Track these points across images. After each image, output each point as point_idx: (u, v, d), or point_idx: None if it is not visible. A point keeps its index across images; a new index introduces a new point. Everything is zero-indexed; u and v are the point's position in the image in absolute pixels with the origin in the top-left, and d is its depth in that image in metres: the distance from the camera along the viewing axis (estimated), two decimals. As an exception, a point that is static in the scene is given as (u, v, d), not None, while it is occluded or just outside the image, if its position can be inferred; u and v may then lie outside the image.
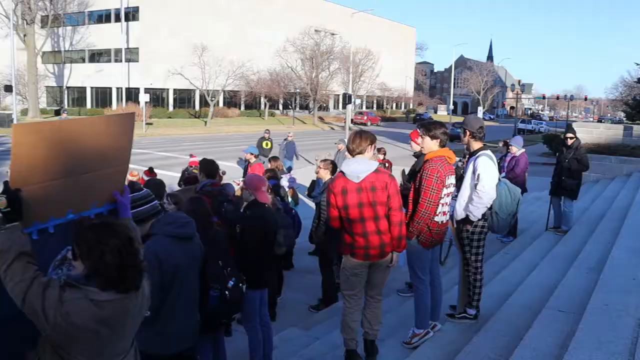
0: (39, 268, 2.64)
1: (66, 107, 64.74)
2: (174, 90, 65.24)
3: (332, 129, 60.84)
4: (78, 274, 2.65)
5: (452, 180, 5.80)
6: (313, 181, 11.79)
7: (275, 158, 11.47)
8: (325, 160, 9.23)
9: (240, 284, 5.14)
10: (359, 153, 5.26)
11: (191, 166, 10.31)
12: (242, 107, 71.78)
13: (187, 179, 8.67)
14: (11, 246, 2.62)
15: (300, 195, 11.25)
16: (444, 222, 5.88)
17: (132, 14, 60.91)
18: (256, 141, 21.52)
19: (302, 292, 9.01)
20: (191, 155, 12.28)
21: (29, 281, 2.54)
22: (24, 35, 56.01)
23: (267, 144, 21.74)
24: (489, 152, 6.15)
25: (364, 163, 5.23)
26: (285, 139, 21.80)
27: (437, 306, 6.21)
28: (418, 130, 6.15)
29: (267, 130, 23.30)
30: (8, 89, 45.19)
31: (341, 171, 5.31)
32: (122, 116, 3.45)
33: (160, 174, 12.23)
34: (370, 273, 5.44)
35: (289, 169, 19.98)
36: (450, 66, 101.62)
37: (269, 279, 6.22)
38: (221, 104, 66.93)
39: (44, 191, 2.95)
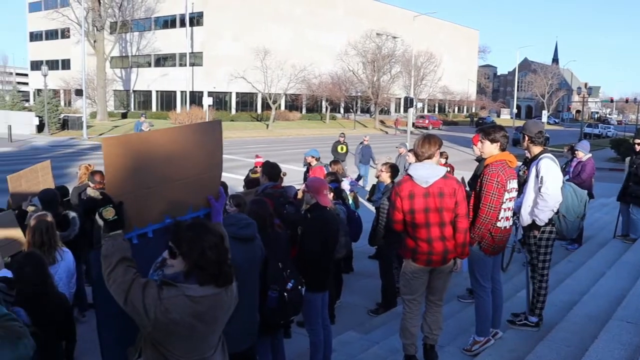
0: (137, 271, 2.86)
1: (132, 110, 66.64)
2: (237, 93, 66.16)
3: (386, 132, 60.50)
4: (175, 272, 2.81)
5: (514, 184, 5.68)
6: (373, 185, 11.76)
7: (336, 161, 11.48)
8: (386, 163, 9.18)
9: (299, 286, 5.16)
10: (427, 157, 5.19)
11: (257, 166, 10.53)
12: (304, 111, 72.17)
13: (248, 181, 8.78)
14: (114, 252, 2.88)
15: (360, 199, 11.21)
16: (507, 227, 5.76)
17: (196, 19, 62.13)
18: (318, 144, 21.29)
19: (361, 295, 8.98)
20: (257, 156, 12.46)
21: (130, 282, 2.76)
22: (94, 42, 58.02)
23: (342, 148, 20.83)
24: (550, 154, 6.03)
25: (432, 168, 5.18)
26: (361, 143, 20.90)
27: (498, 313, 6.10)
28: (478, 134, 6.07)
29: (342, 133, 22.24)
30: (79, 93, 46.78)
31: (408, 174, 5.25)
32: (209, 124, 3.59)
33: (223, 176, 12.44)
34: (432, 278, 5.39)
35: (364, 174, 19.87)
36: (514, 69, 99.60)
37: (329, 282, 6.24)
38: (283, 107, 67.45)
39: (140, 199, 3.15)
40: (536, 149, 6.08)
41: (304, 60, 60.42)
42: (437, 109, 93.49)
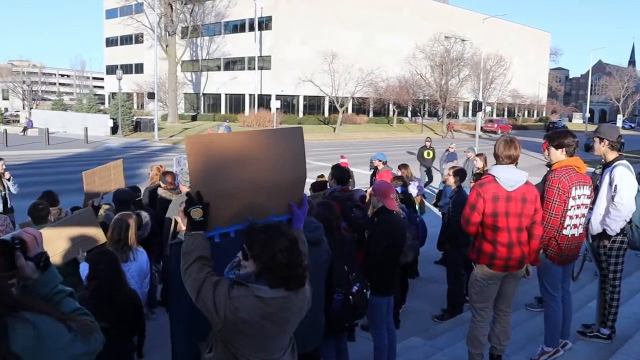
0: (212, 270, 2.95)
1: (202, 112, 68.03)
2: (304, 97, 66.64)
3: (444, 134, 59.69)
4: (247, 273, 2.88)
5: (583, 190, 5.48)
6: (440, 190, 11.64)
7: (405, 165, 11.39)
8: (454, 167, 9.09)
9: (365, 290, 5.16)
10: (512, 161, 5.10)
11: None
12: (371, 114, 72.08)
13: (315, 184, 8.83)
14: (193, 250, 2.99)
15: (427, 204, 11.12)
16: (576, 235, 5.58)
17: (265, 24, 62.92)
18: (385, 148, 20.89)
19: (426, 301, 8.91)
20: (342, 157, 12.57)
21: (202, 280, 2.86)
22: (166, 46, 59.66)
23: (428, 154, 20.01)
24: (625, 162, 5.82)
25: (518, 172, 5.08)
26: (447, 150, 19.41)
27: (567, 323, 5.94)
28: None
29: (429, 138, 21.28)
30: (151, 96, 48.10)
31: (492, 175, 5.13)
32: (292, 130, 3.64)
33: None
34: (502, 285, 5.28)
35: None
36: (587, 72, 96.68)
37: (394, 286, 6.21)
38: (350, 110, 67.54)
39: (224, 199, 3.21)
40: (611, 155, 5.87)
41: (372, 64, 60.35)
42: (506, 113, 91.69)
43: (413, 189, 9.78)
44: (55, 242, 5.34)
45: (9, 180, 10.43)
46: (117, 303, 4.51)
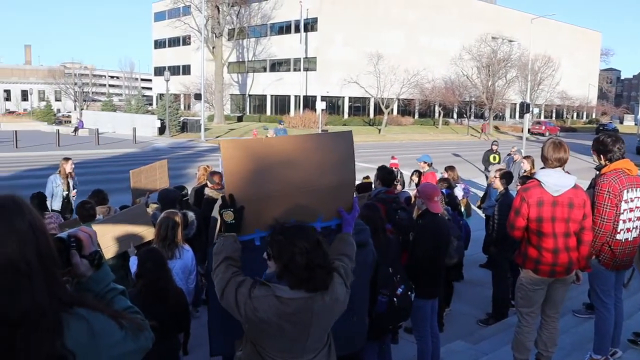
0: (239, 270, 3.01)
1: (247, 113, 68.70)
2: (349, 98, 66.60)
3: (479, 136, 58.83)
4: (271, 272, 2.91)
5: (636, 193, 5.35)
6: (485, 193, 11.50)
7: (451, 167, 11.29)
8: (500, 169, 8.98)
9: (409, 292, 5.14)
10: (560, 165, 5.00)
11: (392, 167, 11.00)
12: (416, 116, 71.65)
13: (360, 186, 8.82)
14: (222, 250, 3.07)
15: (472, 206, 11.00)
16: (630, 240, 5.43)
17: (310, 25, 63.13)
18: (430, 150, 20.63)
19: (471, 304, 8.82)
20: (393, 158, 12.61)
21: (227, 280, 2.93)
22: (213, 48, 60.51)
23: (494, 158, 19.14)
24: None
25: (564, 176, 4.99)
26: (508, 154, 18.02)
27: (617, 331, 5.80)
28: None
29: (496, 141, 20.50)
30: (197, 97, 48.77)
31: (537, 180, 5.04)
32: (341, 134, 3.61)
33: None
34: (551, 290, 5.19)
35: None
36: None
37: (439, 289, 6.17)
38: (395, 112, 67.26)
39: (262, 203, 3.22)
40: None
41: (417, 65, 59.99)
42: (554, 115, 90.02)
43: (459, 192, 9.69)
44: (107, 236, 5.49)
45: (73, 197, 10.70)
46: (164, 301, 4.58)
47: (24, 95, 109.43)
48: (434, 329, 6.00)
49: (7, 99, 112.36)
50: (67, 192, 10.56)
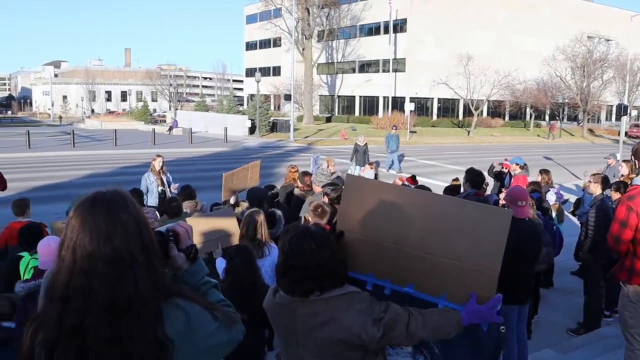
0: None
1: (336, 114, 69.15)
2: (438, 99, 65.88)
3: (548, 136, 56.57)
4: None
5: None
6: (578, 199, 11.12)
7: (546, 171, 11.00)
8: (595, 174, 8.67)
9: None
10: None
11: (505, 167, 11.99)
12: (507, 118, 70.00)
13: (448, 188, 8.75)
14: None
15: (565, 212, 10.67)
16: None
17: (399, 26, 62.86)
18: (521, 152, 20.17)
19: (560, 312, 8.57)
20: (506, 159, 12.60)
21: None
22: (303, 49, 61.30)
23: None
24: None
25: None
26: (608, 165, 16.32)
27: None
28: None
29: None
30: (287, 97, 49.55)
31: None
32: (497, 211, 3.16)
33: (423, 181, 12.49)
34: None
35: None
36: None
37: (526, 295, 6.03)
38: (485, 113, 65.94)
39: (364, 245, 3.05)
40: None
41: (508, 66, 58.44)
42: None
43: (551, 196, 9.44)
44: (195, 236, 5.65)
45: (175, 190, 11.06)
46: (252, 297, 4.68)
47: (123, 96, 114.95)
48: (521, 336, 5.88)
49: (108, 99, 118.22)
50: (162, 188, 10.90)
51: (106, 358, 1.77)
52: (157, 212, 7.29)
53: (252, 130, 46.45)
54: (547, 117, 72.38)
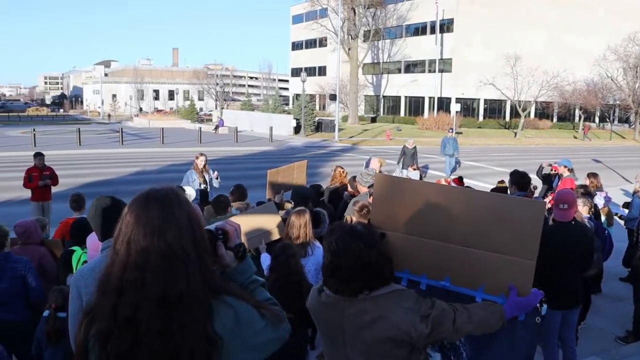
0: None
1: (381, 114, 68.97)
2: (485, 100, 65.12)
3: (582, 138, 55.00)
4: None
5: None
6: (626, 202, 10.88)
7: (594, 174, 10.77)
8: (646, 179, 8.48)
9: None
10: None
11: (553, 170, 12.29)
12: (555, 119, 68.74)
13: (495, 190, 8.67)
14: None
15: (615, 217, 10.42)
16: None
17: (446, 26, 62.38)
18: (568, 155, 19.74)
19: (608, 319, 8.38)
20: (555, 162, 12.65)
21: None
22: (348, 49, 61.34)
23: None
24: None
25: None
26: None
27: None
28: None
29: None
30: (332, 97, 49.69)
31: None
32: (530, 203, 3.21)
33: (468, 183, 12.38)
34: None
35: None
36: None
37: (572, 300, 5.92)
38: (532, 115, 64.79)
39: (399, 241, 3.08)
40: None
41: (557, 66, 57.30)
42: None
43: (599, 200, 9.25)
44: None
45: (216, 178, 11.22)
46: (296, 295, 4.73)
47: (171, 95, 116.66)
48: (569, 342, 5.78)
49: (156, 98, 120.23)
50: (205, 186, 11.02)
51: (158, 350, 1.81)
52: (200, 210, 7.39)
53: (297, 129, 46.68)
54: (596, 119, 70.84)
